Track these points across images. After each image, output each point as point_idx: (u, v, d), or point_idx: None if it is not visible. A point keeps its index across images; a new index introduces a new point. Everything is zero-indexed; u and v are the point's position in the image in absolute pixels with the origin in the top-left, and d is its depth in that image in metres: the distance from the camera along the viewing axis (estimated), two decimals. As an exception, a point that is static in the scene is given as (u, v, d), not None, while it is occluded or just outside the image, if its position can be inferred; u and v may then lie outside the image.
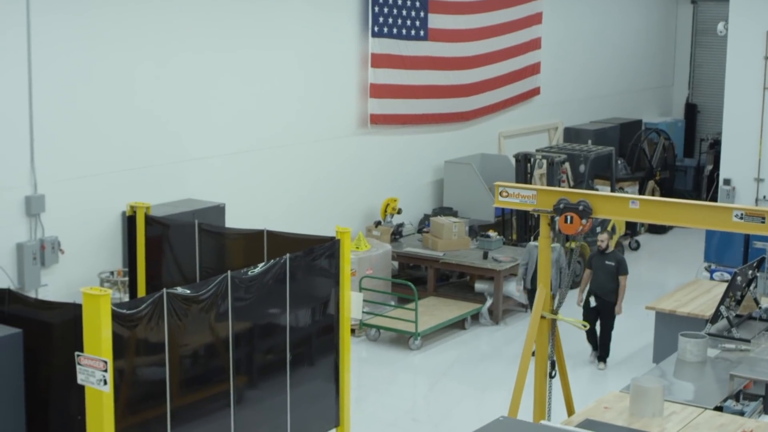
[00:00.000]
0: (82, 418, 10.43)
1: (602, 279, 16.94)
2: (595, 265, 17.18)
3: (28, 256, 14.96)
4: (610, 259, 17.00)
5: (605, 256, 17.19)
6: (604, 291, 16.99)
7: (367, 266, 18.69)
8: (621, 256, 17.60)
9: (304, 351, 12.87)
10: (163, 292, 10.91)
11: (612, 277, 16.93)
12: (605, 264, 17.01)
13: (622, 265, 17.03)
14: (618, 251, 17.77)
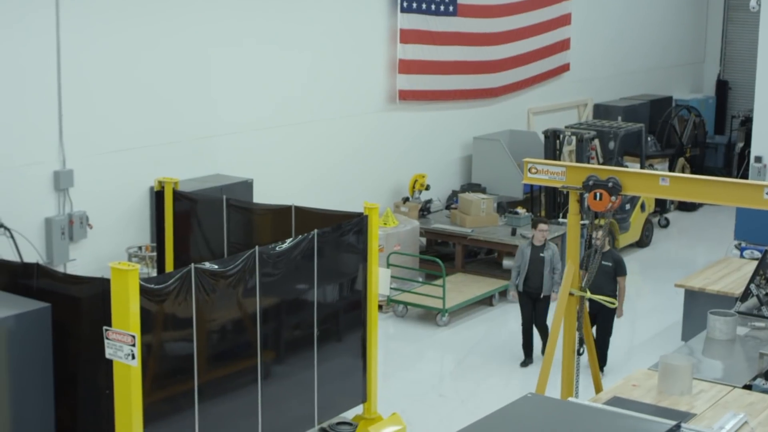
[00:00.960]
0: (110, 392, 10.46)
1: (599, 281, 14.53)
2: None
3: (56, 230, 15.00)
4: (607, 260, 15.33)
5: (602, 256, 14.69)
6: (602, 294, 14.64)
7: (394, 242, 18.65)
8: (618, 255, 16.15)
9: (332, 327, 12.87)
10: (191, 267, 10.91)
11: (609, 279, 15.48)
12: (602, 264, 14.71)
13: (620, 266, 15.74)
14: (615, 250, 16.05)
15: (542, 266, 15.98)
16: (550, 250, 15.97)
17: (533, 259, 16.05)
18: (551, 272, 15.92)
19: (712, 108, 30.59)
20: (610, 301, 13.38)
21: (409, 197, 20.97)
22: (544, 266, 15.98)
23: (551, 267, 15.90)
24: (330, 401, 12.77)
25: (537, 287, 16.05)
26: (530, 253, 16.07)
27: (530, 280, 16.05)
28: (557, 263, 16.01)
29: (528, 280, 16.05)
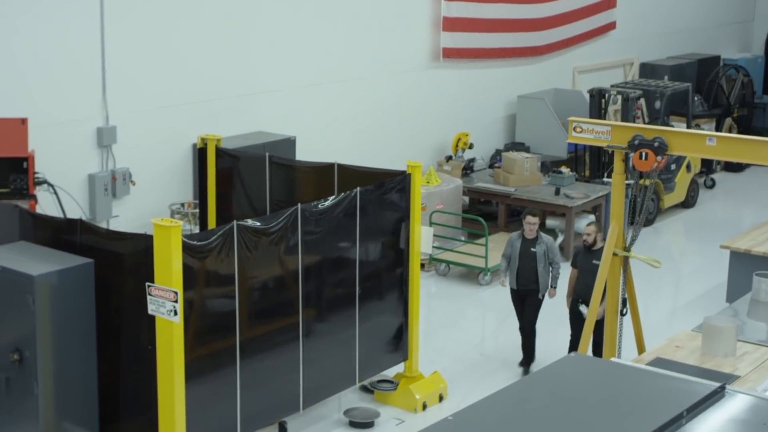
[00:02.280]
0: (152, 348, 10.51)
1: (590, 281, 13.19)
2: (581, 265, 13.86)
3: (99, 187, 15.06)
4: (599, 257, 13.24)
5: (593, 253, 13.68)
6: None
7: (437, 201, 18.59)
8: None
9: (374, 285, 12.86)
10: (234, 224, 10.92)
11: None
12: (593, 263, 13.37)
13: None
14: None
15: (533, 262, 14.08)
16: (543, 244, 14.14)
17: (523, 253, 14.19)
18: (546, 268, 14.12)
19: (760, 67, 30.19)
20: (656, 261, 13.20)
21: (452, 156, 20.88)
22: (536, 262, 14.08)
23: (545, 263, 14.10)
24: (371, 359, 12.78)
25: (527, 284, 14.20)
26: (520, 247, 14.23)
27: (521, 276, 14.22)
28: (555, 256, 14.22)
29: (518, 276, 14.24)
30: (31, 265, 10.62)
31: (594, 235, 13.72)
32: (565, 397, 5.23)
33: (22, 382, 10.58)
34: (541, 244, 14.13)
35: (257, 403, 11.37)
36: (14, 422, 10.75)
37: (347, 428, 12.61)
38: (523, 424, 4.90)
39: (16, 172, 13.19)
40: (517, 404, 5.12)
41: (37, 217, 11.89)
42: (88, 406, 10.90)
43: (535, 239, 14.18)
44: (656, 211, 21.46)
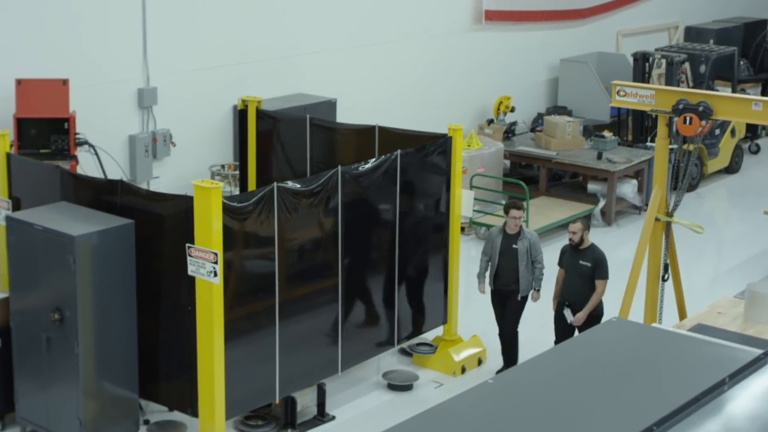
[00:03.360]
0: (192, 308, 10.54)
1: (576, 283, 12.53)
2: (568, 265, 12.75)
3: (140, 148, 15.08)
4: (586, 258, 12.51)
5: (579, 253, 12.61)
6: (580, 300, 12.55)
7: (478, 164, 18.50)
8: (600, 253, 12.68)
9: (413, 248, 12.82)
10: (274, 185, 10.90)
11: (589, 282, 12.55)
12: (579, 264, 12.52)
13: (600, 266, 12.54)
14: (596, 247, 12.68)
15: (515, 260, 12.77)
16: (525, 240, 12.78)
17: (504, 250, 12.83)
18: (528, 267, 12.82)
19: (807, 31, 29.77)
20: (699, 227, 13.05)
21: (493, 119, 20.76)
22: (517, 260, 12.77)
23: (528, 261, 12.79)
24: (410, 322, 12.77)
25: (508, 284, 12.87)
26: (501, 243, 12.87)
27: (500, 276, 12.90)
28: (538, 255, 12.87)
29: (498, 276, 12.91)
30: (71, 226, 10.66)
31: (580, 233, 12.49)
32: (606, 361, 5.18)
33: (62, 342, 10.65)
34: (523, 240, 12.76)
35: (296, 364, 11.39)
36: (55, 381, 10.83)
37: (386, 391, 12.61)
38: (563, 387, 4.86)
39: (57, 132, 13.24)
40: (558, 368, 5.07)
41: (78, 178, 11.92)
42: (128, 365, 10.96)
43: (518, 235, 12.84)
44: (699, 176, 21.26)
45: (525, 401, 4.72)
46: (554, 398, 4.75)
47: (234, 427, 11.54)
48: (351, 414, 12.09)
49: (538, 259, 12.85)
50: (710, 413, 4.69)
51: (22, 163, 12.38)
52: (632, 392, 4.83)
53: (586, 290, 12.47)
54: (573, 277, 12.59)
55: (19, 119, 13.13)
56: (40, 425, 11.11)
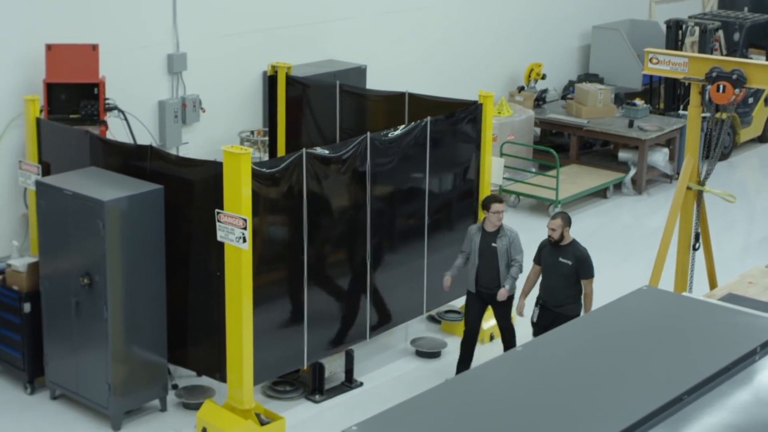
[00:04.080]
0: (221, 274, 10.56)
1: (554, 283, 11.52)
2: (545, 263, 11.69)
3: (169, 113, 15.07)
4: (567, 256, 11.43)
5: (559, 250, 11.53)
6: (557, 301, 11.48)
7: (508, 132, 18.42)
8: (583, 251, 11.55)
9: (443, 215, 12.79)
10: (303, 151, 10.88)
11: (569, 282, 11.45)
12: (559, 262, 11.47)
13: (583, 265, 11.45)
14: (578, 244, 11.56)
15: (494, 260, 11.74)
16: (505, 238, 11.73)
17: (484, 249, 11.78)
18: (508, 267, 11.79)
19: (842, -1, 29.41)
20: (728, 196, 12.94)
21: (524, 86, 20.65)
22: (497, 259, 11.74)
23: (508, 260, 11.76)
24: (439, 290, 12.73)
25: (490, 286, 11.79)
26: (480, 242, 11.81)
27: (481, 276, 11.83)
28: (516, 254, 11.81)
29: (478, 276, 11.84)
30: (101, 191, 10.68)
31: (560, 230, 11.43)
32: (636, 329, 5.14)
33: (91, 306, 10.68)
34: (502, 239, 11.73)
35: (324, 331, 11.40)
36: (84, 345, 10.88)
37: (414, 358, 12.61)
38: (593, 355, 4.82)
39: (86, 98, 13.24)
40: (588, 336, 5.04)
41: (107, 143, 11.94)
42: (156, 330, 10.99)
43: (497, 232, 11.76)
44: (732, 145, 21.10)
45: (554, 369, 4.69)
46: (584, 366, 4.72)
47: (262, 393, 11.57)
48: (379, 380, 12.10)
49: (517, 258, 11.78)
50: (741, 383, 4.65)
51: (51, 128, 12.41)
52: (662, 361, 4.79)
53: (564, 290, 11.44)
54: (551, 276, 11.52)
55: (49, 84, 13.14)
56: (69, 389, 11.17)
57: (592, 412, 4.29)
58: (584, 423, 4.19)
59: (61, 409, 11.27)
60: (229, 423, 10.55)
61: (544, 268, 11.66)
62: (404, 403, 4.38)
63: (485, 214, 11.80)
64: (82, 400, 11.09)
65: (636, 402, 4.34)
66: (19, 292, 11.39)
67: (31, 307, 11.33)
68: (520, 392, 4.46)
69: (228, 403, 10.76)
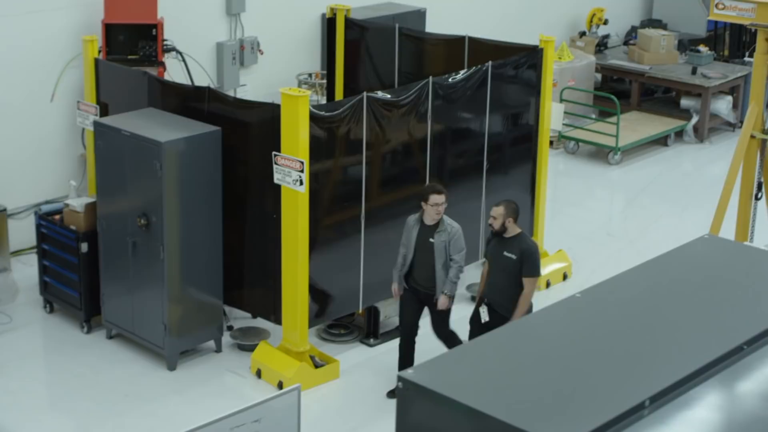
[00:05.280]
0: (277, 216, 10.55)
1: (497, 279, 10.16)
2: (490, 257, 10.35)
3: (227, 55, 15.02)
4: (511, 249, 10.03)
5: (503, 243, 10.10)
6: (502, 299, 10.12)
7: (569, 77, 18.22)
8: (529, 245, 10.16)
9: (501, 160, 12.70)
10: (363, 95, 10.80)
11: (512, 280, 10.05)
12: (503, 256, 10.06)
13: (528, 261, 10.01)
14: (526, 237, 10.23)
15: (431, 257, 10.38)
16: (444, 234, 10.33)
17: (420, 244, 10.42)
18: (445, 266, 10.39)
19: None
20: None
21: (586, 31, 20.39)
22: (433, 257, 10.37)
23: (446, 259, 10.37)
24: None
25: (427, 285, 10.50)
26: (417, 236, 10.45)
27: (416, 273, 10.53)
28: (456, 252, 10.38)
29: (413, 273, 10.55)
30: (159, 132, 10.67)
31: (501, 219, 9.99)
32: (696, 278, 5.05)
33: (148, 247, 10.72)
34: (441, 234, 10.33)
35: (380, 274, 11.35)
36: (141, 286, 10.93)
37: (469, 303, 12.54)
38: (652, 303, 4.74)
39: (145, 39, 13.22)
40: (647, 283, 4.95)
41: (165, 84, 11.93)
42: (212, 272, 11.02)
43: (436, 226, 10.37)
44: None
45: (612, 316, 4.62)
46: (642, 314, 4.65)
47: (316, 336, 11.59)
48: (434, 326, 12.05)
49: (456, 258, 10.37)
50: (804, 334, 4.56)
51: (110, 68, 12.41)
52: (722, 310, 4.71)
53: (508, 288, 10.07)
54: (495, 272, 10.17)
55: (107, 25, 13.13)
56: (125, 329, 11.25)
57: (649, 359, 4.22)
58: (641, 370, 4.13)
59: (117, 348, 11.36)
60: (283, 365, 10.59)
61: (490, 263, 10.29)
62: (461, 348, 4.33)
63: (423, 205, 10.37)
64: (137, 339, 11.17)
65: (695, 351, 4.27)
66: (76, 232, 11.46)
67: (89, 247, 11.40)
68: (578, 338, 4.40)
69: (282, 345, 10.79)
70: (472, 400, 3.82)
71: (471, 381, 4.04)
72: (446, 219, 10.38)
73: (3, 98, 12.80)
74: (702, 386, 4.08)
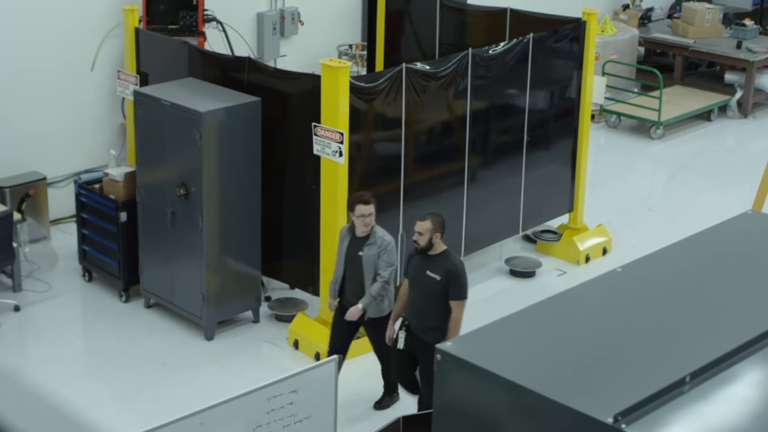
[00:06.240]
0: (316, 187, 10.53)
1: (419, 301, 9.18)
2: (412, 276, 9.32)
3: (267, 26, 14.98)
4: (436, 269, 9.05)
5: (427, 261, 9.12)
6: (423, 325, 9.18)
7: (611, 51, 18.07)
8: (455, 264, 9.18)
9: (542, 134, 12.61)
10: (402, 66, 10.74)
11: (435, 302, 9.06)
12: (427, 276, 9.08)
13: (455, 283, 9.07)
14: (452, 255, 9.23)
15: (360, 271, 9.59)
16: (374, 247, 9.51)
17: (350, 257, 9.65)
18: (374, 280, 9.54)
19: None
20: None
21: (629, 4, 20.21)
22: (362, 271, 9.58)
23: (375, 273, 9.53)
24: (535, 209, 12.60)
25: (355, 302, 9.64)
26: (347, 247, 9.69)
27: (347, 288, 9.75)
28: (384, 267, 9.52)
29: (343, 288, 9.78)
30: (199, 102, 10.66)
31: (428, 235, 9.05)
32: (739, 254, 4.97)
33: (187, 217, 10.73)
34: (371, 246, 9.52)
35: (418, 248, 11.32)
36: (179, 255, 10.95)
37: (507, 277, 12.51)
38: (694, 279, 4.68)
39: (185, 8, 13.20)
40: (689, 259, 4.88)
41: (205, 54, 11.91)
42: (251, 242, 11.02)
43: (366, 238, 9.58)
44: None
45: (653, 292, 4.56)
46: (683, 289, 4.59)
47: (355, 308, 11.56)
48: (472, 299, 11.84)
49: (383, 274, 9.50)
50: None
51: (150, 38, 12.41)
52: (764, 286, 4.64)
53: (430, 311, 9.12)
54: (417, 292, 9.19)
55: (148, -6, 13.13)
56: (163, 298, 11.28)
57: (690, 335, 4.17)
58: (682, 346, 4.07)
59: (154, 318, 11.39)
60: (320, 336, 10.57)
61: (411, 283, 9.29)
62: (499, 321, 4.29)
63: (351, 216, 9.66)
64: (175, 309, 11.20)
65: (737, 327, 4.20)
66: (115, 201, 11.48)
67: (128, 216, 11.42)
68: (619, 312, 4.35)
69: (320, 317, 10.78)
70: (510, 373, 3.78)
71: (510, 354, 4.01)
72: (378, 231, 9.58)
73: (44, 67, 12.83)
74: (743, 363, 4.02)
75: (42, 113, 12.92)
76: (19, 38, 12.57)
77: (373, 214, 9.51)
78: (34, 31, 12.69)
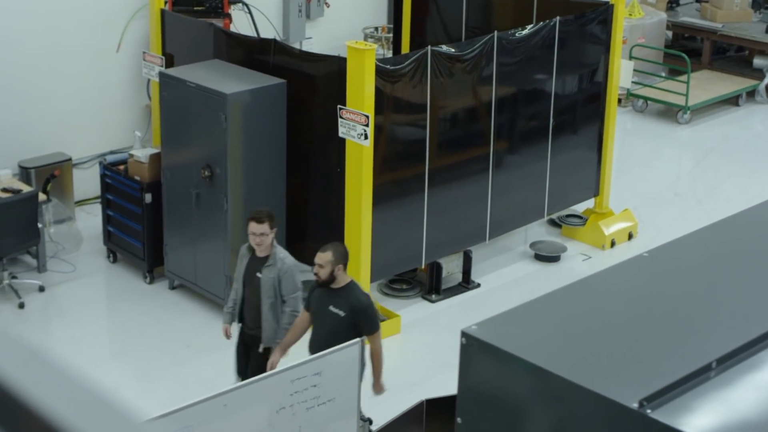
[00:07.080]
0: (341, 170, 10.51)
1: (322, 338, 8.33)
2: (314, 311, 8.63)
3: (293, 8, 14.95)
4: (340, 304, 8.38)
5: (330, 294, 8.44)
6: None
7: (639, 34, 17.96)
8: (360, 298, 8.49)
9: (568, 118, 12.55)
10: (428, 49, 10.71)
11: (340, 337, 7.98)
12: (330, 312, 8.40)
13: (363, 317, 8.39)
14: (356, 288, 8.57)
15: (257, 295, 8.80)
16: (273, 269, 8.72)
17: (248, 278, 8.90)
18: (277, 307, 8.77)
19: None
20: None
21: (657, -12, 20.10)
22: (260, 295, 8.79)
23: (276, 298, 8.74)
24: (561, 193, 12.55)
25: (252, 327, 8.94)
26: (245, 268, 8.94)
27: (245, 312, 9.00)
28: (290, 293, 8.76)
29: (242, 312, 9.01)
30: (224, 83, 10.65)
31: (329, 267, 8.34)
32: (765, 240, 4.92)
33: (212, 198, 10.73)
34: (270, 269, 8.72)
35: (443, 230, 11.30)
36: (203, 236, 10.96)
37: (532, 261, 12.47)
38: (721, 265, 4.63)
39: (212, -11, 13.19)
40: (716, 245, 4.84)
41: (231, 36, 11.90)
42: (276, 225, 11.00)
43: (265, 259, 8.79)
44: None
45: (679, 277, 4.52)
46: (710, 275, 4.54)
47: (378, 290, 11.57)
48: (496, 283, 12.00)
49: (289, 301, 8.75)
50: None
51: (176, 20, 12.40)
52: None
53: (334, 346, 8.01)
54: (318, 328, 8.55)
55: (174, -25, 13.11)
56: (188, 279, 11.29)
57: (717, 321, 4.13)
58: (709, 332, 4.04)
59: (178, 299, 11.42)
60: (345, 319, 10.56)
61: (313, 317, 8.63)
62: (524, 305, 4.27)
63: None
64: (199, 290, 11.21)
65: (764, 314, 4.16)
66: (140, 183, 11.50)
67: (152, 197, 11.43)
68: (645, 297, 4.31)
69: (345, 300, 10.75)
70: (535, 357, 3.76)
71: (535, 338, 3.98)
72: (278, 252, 8.80)
73: (70, 48, 12.85)
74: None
75: (67, 95, 12.94)
76: (45, 20, 12.59)
77: (266, 234, 8.67)
78: (60, 12, 12.70)
